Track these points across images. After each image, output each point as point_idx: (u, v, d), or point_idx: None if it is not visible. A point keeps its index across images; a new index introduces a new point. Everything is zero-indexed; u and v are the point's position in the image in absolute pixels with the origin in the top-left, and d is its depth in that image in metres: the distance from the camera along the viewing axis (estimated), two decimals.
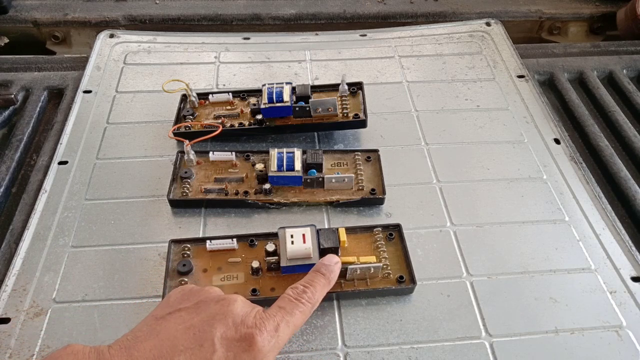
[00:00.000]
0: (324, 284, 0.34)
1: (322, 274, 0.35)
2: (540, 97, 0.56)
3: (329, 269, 0.35)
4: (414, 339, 0.36)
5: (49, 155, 0.49)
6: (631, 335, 0.37)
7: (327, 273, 0.35)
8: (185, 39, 0.63)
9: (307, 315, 0.32)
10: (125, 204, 0.44)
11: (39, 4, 0.69)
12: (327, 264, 0.35)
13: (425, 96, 0.56)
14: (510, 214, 0.44)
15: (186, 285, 0.33)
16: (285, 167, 0.43)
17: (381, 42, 0.63)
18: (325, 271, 0.35)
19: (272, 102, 0.47)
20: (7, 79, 0.57)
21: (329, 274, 0.35)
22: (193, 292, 0.32)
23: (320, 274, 0.35)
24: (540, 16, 0.72)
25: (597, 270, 0.41)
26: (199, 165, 0.46)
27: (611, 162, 0.50)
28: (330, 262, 0.36)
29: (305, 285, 0.33)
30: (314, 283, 0.34)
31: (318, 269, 0.35)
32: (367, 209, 0.44)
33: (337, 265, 0.36)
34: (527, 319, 0.37)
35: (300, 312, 0.32)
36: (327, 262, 0.36)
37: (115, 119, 0.52)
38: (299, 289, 0.33)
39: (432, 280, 0.39)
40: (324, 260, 0.36)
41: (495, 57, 0.61)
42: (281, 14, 0.69)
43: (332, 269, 0.35)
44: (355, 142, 0.50)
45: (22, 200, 0.45)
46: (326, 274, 0.35)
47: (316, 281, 0.34)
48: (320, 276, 0.35)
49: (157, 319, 0.30)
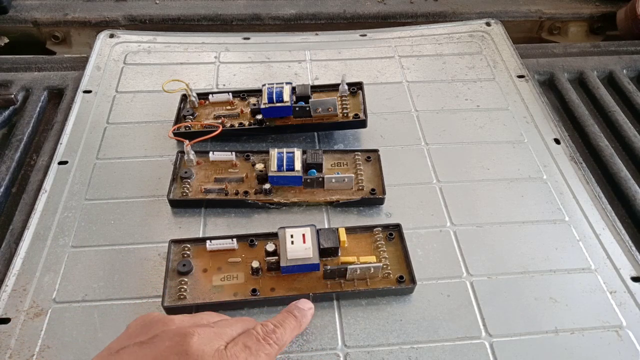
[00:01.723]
0: (294, 327, 0.33)
1: (295, 316, 0.34)
2: (540, 97, 0.56)
3: (302, 312, 0.34)
4: (414, 339, 0.36)
5: (49, 155, 0.49)
6: (631, 335, 0.37)
7: (300, 316, 0.34)
8: (185, 39, 0.63)
9: (272, 358, 0.31)
10: (125, 204, 0.44)
11: (39, 4, 0.69)
12: (300, 307, 0.35)
13: (425, 96, 0.56)
14: (510, 214, 0.44)
15: (149, 315, 0.31)
16: (285, 167, 0.43)
17: (381, 42, 0.63)
18: (298, 314, 0.34)
19: (272, 102, 0.47)
20: (7, 79, 0.57)
21: (301, 317, 0.34)
22: (153, 323, 0.30)
23: (292, 315, 0.34)
24: (540, 16, 0.72)
25: (597, 270, 0.41)
26: (199, 165, 0.46)
27: (611, 162, 0.50)
28: (304, 306, 0.35)
29: (276, 325, 0.32)
30: (285, 324, 0.33)
31: (291, 310, 0.34)
32: (367, 209, 0.44)
33: (310, 311, 0.35)
34: (527, 319, 0.37)
35: (266, 354, 0.30)
36: (301, 305, 0.35)
37: (115, 119, 0.52)
38: (269, 328, 0.32)
39: (432, 280, 0.39)
40: (298, 303, 0.35)
41: (495, 57, 0.61)
42: (281, 14, 0.69)
43: (305, 313, 0.35)
44: (355, 142, 0.50)
45: (22, 200, 0.45)
46: (298, 316, 0.34)
47: (287, 323, 0.33)
48: (292, 318, 0.34)
49: (111, 353, 0.28)
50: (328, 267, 0.37)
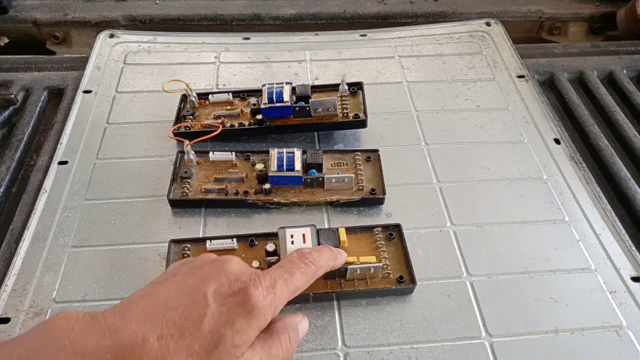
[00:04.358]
0: (330, 256, 0.34)
1: (330, 249, 0.35)
2: (540, 97, 0.56)
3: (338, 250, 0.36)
4: (414, 339, 0.36)
5: (49, 155, 0.49)
6: (631, 335, 0.37)
7: (336, 252, 0.35)
8: (185, 39, 0.63)
9: (309, 278, 0.31)
10: (125, 204, 0.44)
11: (39, 4, 0.69)
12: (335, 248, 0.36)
13: (425, 96, 0.56)
14: (510, 214, 0.44)
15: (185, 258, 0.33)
16: (285, 167, 0.43)
17: (381, 42, 0.63)
18: (335, 249, 0.35)
19: (272, 102, 0.47)
20: (7, 79, 0.57)
21: (337, 252, 0.35)
22: (190, 260, 0.32)
23: (328, 248, 0.35)
24: (540, 16, 0.72)
25: (597, 270, 0.41)
26: (199, 165, 0.46)
27: (611, 162, 0.50)
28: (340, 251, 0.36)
29: (311, 249, 0.33)
30: (321, 250, 0.34)
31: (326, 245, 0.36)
32: (367, 209, 0.44)
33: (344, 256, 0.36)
34: (527, 319, 0.37)
35: (302, 273, 0.31)
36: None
37: (115, 119, 0.52)
38: (305, 251, 0.32)
39: (432, 280, 0.39)
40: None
41: (495, 57, 0.61)
42: (281, 14, 0.69)
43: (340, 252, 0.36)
44: (355, 142, 0.50)
45: (22, 200, 0.45)
46: (334, 251, 0.35)
47: (323, 250, 0.34)
48: (328, 249, 0.34)
49: (153, 285, 0.30)
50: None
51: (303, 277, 0.31)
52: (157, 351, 0.25)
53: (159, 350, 0.25)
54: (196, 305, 0.27)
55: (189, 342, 0.26)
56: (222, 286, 0.28)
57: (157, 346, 0.25)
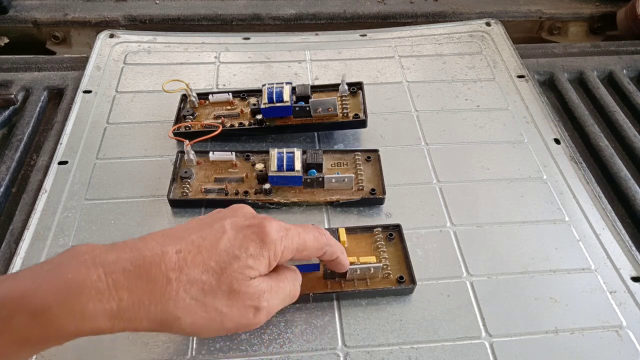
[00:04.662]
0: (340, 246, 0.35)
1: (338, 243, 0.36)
2: (540, 97, 0.56)
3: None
4: (414, 339, 0.36)
5: (49, 155, 0.49)
6: (631, 335, 0.37)
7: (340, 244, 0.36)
8: (185, 39, 0.63)
9: (319, 245, 0.32)
10: (125, 204, 0.44)
11: (39, 4, 0.69)
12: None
13: (425, 96, 0.56)
14: (510, 214, 0.44)
15: None
16: (285, 167, 0.43)
17: (381, 42, 0.63)
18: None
19: (272, 102, 0.47)
20: (7, 79, 0.57)
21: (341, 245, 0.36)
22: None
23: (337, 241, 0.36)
24: (540, 16, 0.72)
25: (597, 270, 0.41)
26: (199, 165, 0.46)
27: (611, 162, 0.50)
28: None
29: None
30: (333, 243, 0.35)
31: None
32: (367, 209, 0.44)
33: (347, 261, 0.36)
34: (527, 319, 0.37)
35: (314, 236, 0.32)
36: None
37: (115, 119, 0.52)
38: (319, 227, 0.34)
39: (432, 281, 0.39)
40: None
41: (495, 57, 0.61)
42: (281, 14, 0.69)
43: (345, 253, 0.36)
44: (355, 142, 0.50)
45: (22, 200, 0.45)
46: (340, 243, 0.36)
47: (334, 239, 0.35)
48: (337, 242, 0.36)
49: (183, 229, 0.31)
50: (328, 268, 0.37)
51: (315, 240, 0.32)
52: (175, 262, 0.27)
53: (177, 262, 0.27)
54: (214, 230, 0.30)
55: (205, 257, 0.28)
56: (239, 220, 0.31)
57: (176, 258, 0.28)
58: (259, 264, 0.29)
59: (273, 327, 0.36)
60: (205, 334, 0.30)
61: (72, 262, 0.26)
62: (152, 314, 0.27)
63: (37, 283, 0.25)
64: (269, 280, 0.31)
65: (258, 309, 0.30)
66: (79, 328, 0.25)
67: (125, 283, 0.26)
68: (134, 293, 0.26)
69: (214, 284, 0.28)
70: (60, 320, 0.25)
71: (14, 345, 0.25)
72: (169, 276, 0.27)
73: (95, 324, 0.26)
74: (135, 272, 0.27)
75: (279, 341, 0.35)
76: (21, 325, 0.25)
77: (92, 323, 0.26)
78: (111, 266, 0.26)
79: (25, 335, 0.25)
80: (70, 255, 0.27)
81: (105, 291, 0.26)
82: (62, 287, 0.25)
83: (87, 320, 0.25)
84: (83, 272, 0.26)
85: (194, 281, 0.28)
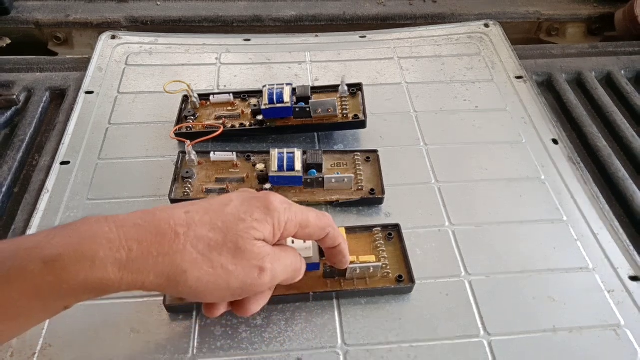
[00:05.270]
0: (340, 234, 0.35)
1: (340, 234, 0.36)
2: (538, 98, 0.56)
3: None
4: (413, 338, 0.36)
5: (51, 155, 0.49)
6: (629, 334, 0.37)
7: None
8: (186, 40, 0.63)
9: (323, 224, 0.33)
10: (127, 204, 0.44)
11: (40, 5, 0.70)
12: None
13: (424, 97, 0.56)
14: (508, 214, 0.44)
15: None
16: (286, 167, 0.43)
17: (380, 43, 0.63)
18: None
19: (272, 103, 0.47)
20: (9, 79, 0.57)
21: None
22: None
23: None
24: (538, 17, 0.73)
25: (595, 269, 0.41)
26: (200, 165, 0.46)
27: (609, 162, 0.51)
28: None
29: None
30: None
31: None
32: (366, 208, 0.45)
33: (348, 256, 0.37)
34: (525, 318, 0.37)
35: (316, 216, 0.33)
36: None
37: (117, 119, 0.52)
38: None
39: (431, 280, 0.40)
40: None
41: (493, 58, 0.61)
42: (281, 15, 0.70)
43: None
44: (354, 142, 0.51)
45: (25, 201, 0.45)
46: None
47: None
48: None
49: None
50: (328, 267, 0.37)
51: (316, 220, 0.33)
52: (184, 219, 0.29)
53: (185, 219, 0.29)
54: (221, 199, 0.31)
55: (212, 217, 0.30)
56: (245, 194, 0.32)
57: (184, 217, 0.29)
58: (263, 228, 0.30)
59: (273, 326, 0.36)
60: (210, 293, 0.30)
61: (86, 221, 0.28)
62: (160, 266, 0.28)
63: (50, 236, 0.27)
64: (273, 248, 0.31)
65: (262, 269, 0.30)
66: (88, 277, 0.26)
67: (135, 235, 0.27)
68: (143, 244, 0.27)
69: (220, 241, 0.29)
70: (70, 267, 0.26)
71: (27, 297, 0.26)
72: (177, 231, 0.28)
73: (105, 273, 0.26)
74: (145, 227, 0.28)
75: (280, 339, 0.36)
76: (33, 273, 0.25)
77: (101, 272, 0.26)
78: (122, 221, 0.28)
79: (37, 284, 0.26)
80: (84, 218, 0.28)
81: (115, 241, 0.27)
82: (74, 238, 0.27)
83: (97, 268, 0.26)
84: (95, 226, 0.27)
85: (201, 237, 0.29)
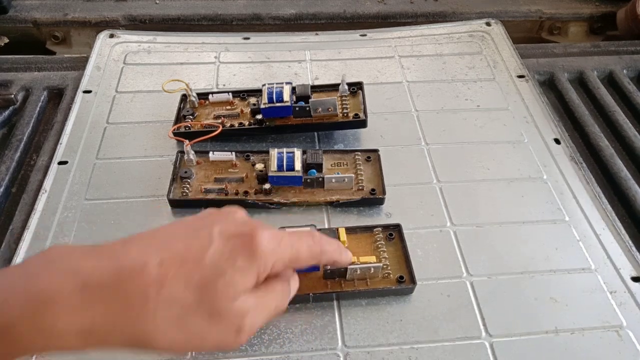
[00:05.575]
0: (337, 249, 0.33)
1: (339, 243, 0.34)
2: (540, 97, 0.56)
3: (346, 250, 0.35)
4: (414, 339, 0.36)
5: (49, 155, 0.49)
6: (631, 335, 0.37)
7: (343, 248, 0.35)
8: (185, 39, 0.63)
9: (312, 255, 0.31)
10: (125, 204, 0.44)
11: (38, 4, 0.69)
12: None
13: (425, 96, 0.56)
14: (510, 214, 0.44)
15: None
16: (285, 167, 0.43)
17: (381, 42, 0.63)
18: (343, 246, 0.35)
19: (272, 102, 0.47)
20: (7, 78, 0.57)
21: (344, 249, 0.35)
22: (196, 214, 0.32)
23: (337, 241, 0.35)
24: (540, 16, 0.72)
25: (597, 270, 0.41)
26: (199, 165, 0.46)
27: (611, 162, 0.50)
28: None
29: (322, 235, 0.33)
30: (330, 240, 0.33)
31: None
32: (367, 209, 0.44)
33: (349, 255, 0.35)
34: (527, 319, 0.37)
35: (308, 245, 0.30)
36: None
37: (115, 119, 0.52)
38: (315, 232, 0.32)
39: (432, 280, 0.39)
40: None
41: (495, 57, 0.61)
42: (281, 13, 0.69)
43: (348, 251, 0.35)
44: (355, 142, 0.50)
45: (22, 200, 0.45)
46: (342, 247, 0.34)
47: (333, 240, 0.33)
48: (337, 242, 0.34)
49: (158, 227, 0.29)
50: (328, 267, 0.37)
51: (308, 250, 0.30)
52: (156, 275, 0.25)
53: (158, 275, 0.25)
54: (201, 239, 0.27)
55: (188, 271, 0.26)
56: (229, 227, 0.28)
57: (157, 271, 0.25)
58: (246, 278, 0.27)
59: (273, 327, 0.36)
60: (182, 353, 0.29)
61: (48, 268, 0.25)
62: (127, 334, 0.25)
63: (5, 294, 0.24)
64: (254, 297, 0.28)
65: (240, 329, 0.27)
66: (47, 345, 0.24)
67: (100, 298, 0.24)
68: (109, 310, 0.24)
69: (194, 303, 0.26)
70: (26, 337, 0.23)
71: None
72: (148, 293, 0.25)
73: (66, 342, 0.24)
74: (112, 287, 0.25)
75: (279, 341, 0.35)
76: None
77: (62, 341, 0.24)
78: (89, 275, 0.25)
79: None
80: (46, 260, 0.25)
81: (78, 307, 0.24)
82: (32, 299, 0.24)
83: (57, 338, 0.24)
84: (56, 282, 0.24)
85: (174, 299, 0.25)
